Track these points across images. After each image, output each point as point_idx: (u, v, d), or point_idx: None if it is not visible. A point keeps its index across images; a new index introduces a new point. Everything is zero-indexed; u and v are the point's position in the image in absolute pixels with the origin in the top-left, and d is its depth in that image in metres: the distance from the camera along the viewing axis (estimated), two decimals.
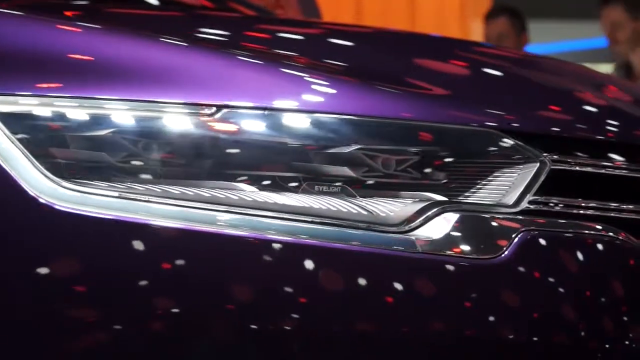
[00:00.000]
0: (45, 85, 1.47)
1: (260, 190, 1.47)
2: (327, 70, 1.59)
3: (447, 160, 1.52)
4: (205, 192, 1.45)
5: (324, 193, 1.48)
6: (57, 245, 1.42)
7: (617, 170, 1.61)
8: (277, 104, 1.49)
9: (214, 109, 1.48)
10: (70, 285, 1.41)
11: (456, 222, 1.49)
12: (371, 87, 1.54)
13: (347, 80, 1.55)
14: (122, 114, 1.47)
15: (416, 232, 1.48)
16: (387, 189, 1.50)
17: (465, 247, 1.47)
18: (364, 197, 1.49)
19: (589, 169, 1.58)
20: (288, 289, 1.42)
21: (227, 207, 1.45)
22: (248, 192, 1.46)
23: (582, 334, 1.48)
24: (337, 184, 1.49)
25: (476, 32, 6.09)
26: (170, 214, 1.44)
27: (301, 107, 1.50)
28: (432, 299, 1.45)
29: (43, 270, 1.41)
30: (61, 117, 1.46)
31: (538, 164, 1.54)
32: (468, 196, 1.52)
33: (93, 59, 1.51)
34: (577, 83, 1.84)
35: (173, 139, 1.47)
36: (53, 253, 1.42)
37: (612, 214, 1.58)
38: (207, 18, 2.17)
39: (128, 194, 1.45)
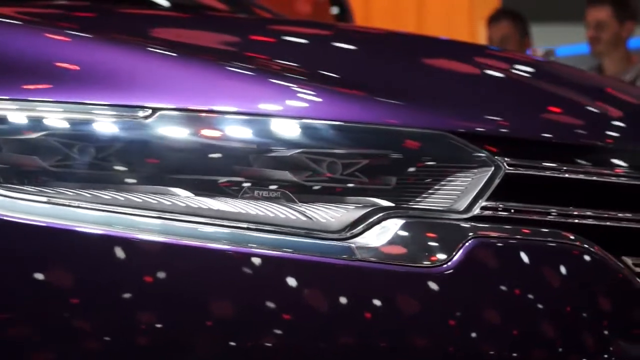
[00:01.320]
0: None
1: (196, 195, 1.41)
2: (271, 70, 1.52)
3: (396, 164, 1.45)
4: (137, 198, 1.39)
5: (264, 198, 1.42)
6: None
7: (578, 175, 1.53)
8: (215, 106, 1.43)
9: (149, 111, 1.42)
10: None
11: (400, 228, 1.42)
12: (315, 87, 1.48)
13: (290, 80, 1.49)
14: (53, 116, 1.41)
15: (357, 239, 1.41)
16: (331, 194, 1.43)
17: (409, 255, 1.41)
18: (306, 203, 1.42)
19: (547, 174, 1.51)
20: (220, 299, 1.36)
21: (158, 212, 1.38)
22: (182, 197, 1.40)
23: (530, 345, 1.41)
24: (277, 188, 1.42)
25: (484, 34, 6.01)
26: (100, 220, 1.38)
27: (241, 109, 1.43)
28: (370, 309, 1.38)
29: None
30: None
31: (492, 168, 1.48)
32: (417, 201, 1.45)
33: (22, 59, 1.45)
34: (541, 82, 1.76)
35: (106, 142, 1.41)
36: None
37: (571, 221, 1.50)
38: (160, 18, 2.10)
39: (57, 199, 1.39)
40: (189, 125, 1.42)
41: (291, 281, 1.37)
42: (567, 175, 1.52)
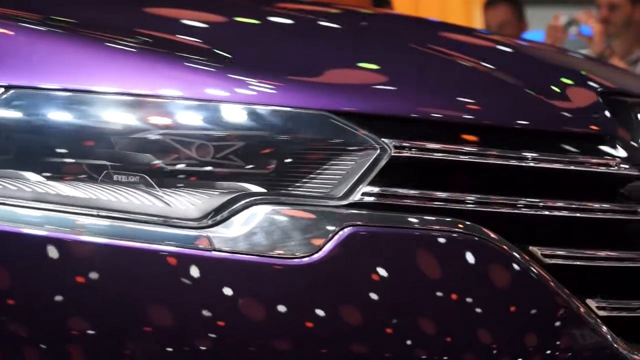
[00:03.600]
0: None
1: (49, 180, 1.30)
2: (135, 46, 1.40)
3: (272, 147, 1.33)
4: None
5: (122, 183, 1.31)
6: None
7: (475, 158, 1.40)
8: (74, 84, 1.32)
9: (1, 89, 1.32)
10: None
11: (268, 216, 1.31)
12: (184, 65, 1.36)
13: (156, 57, 1.37)
14: None
15: (218, 227, 1.30)
16: (200, 179, 1.32)
17: (272, 245, 1.29)
18: (168, 188, 1.31)
19: (439, 157, 1.38)
20: (62, 293, 1.25)
21: (1, 198, 1.28)
22: (32, 182, 1.30)
23: (406, 344, 1.29)
24: (137, 173, 1.31)
25: (480, 18, 5.88)
26: None
27: (102, 88, 1.32)
28: (226, 304, 1.27)
29: None
30: None
31: (378, 151, 1.36)
32: (293, 187, 1.33)
33: None
34: (437, 57, 1.62)
35: None
36: None
37: (463, 206, 1.38)
38: None
39: None
40: (45, 104, 1.31)
41: (140, 273, 1.26)
42: (462, 158, 1.39)
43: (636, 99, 1.72)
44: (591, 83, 1.72)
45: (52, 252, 1.26)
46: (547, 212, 1.45)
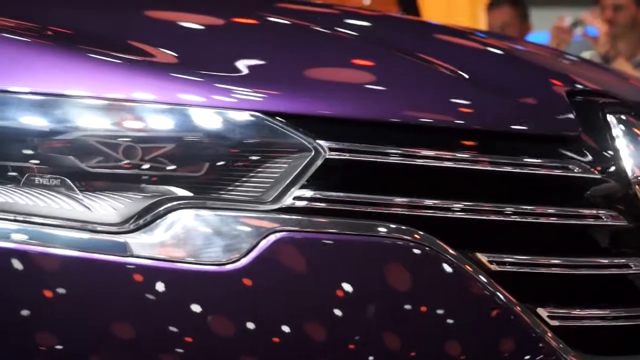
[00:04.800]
0: None
1: None
2: (60, 44, 1.34)
3: (202, 149, 1.28)
4: None
5: (43, 186, 1.26)
6: None
7: (414, 160, 1.34)
8: None
9: None
10: None
11: (192, 221, 1.25)
12: (110, 62, 1.31)
13: (80, 55, 1.31)
14: None
15: (139, 233, 1.25)
16: (125, 182, 1.27)
17: (194, 252, 1.24)
18: (91, 192, 1.26)
19: (377, 159, 1.32)
20: None
21: None
22: None
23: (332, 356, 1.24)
24: (59, 176, 1.26)
25: (485, 19, 5.81)
26: None
27: (21, 88, 1.27)
28: (146, 312, 1.21)
29: None
30: None
31: (312, 153, 1.30)
32: (223, 191, 1.28)
33: None
34: (383, 56, 1.54)
35: None
36: None
37: (402, 211, 1.32)
38: None
39: None
40: None
41: (57, 280, 1.21)
42: (403, 161, 1.33)
43: (607, 99, 1.66)
44: (560, 83, 1.66)
45: None
46: (495, 217, 1.39)
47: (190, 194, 1.27)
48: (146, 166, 1.27)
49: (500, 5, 5.56)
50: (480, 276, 1.33)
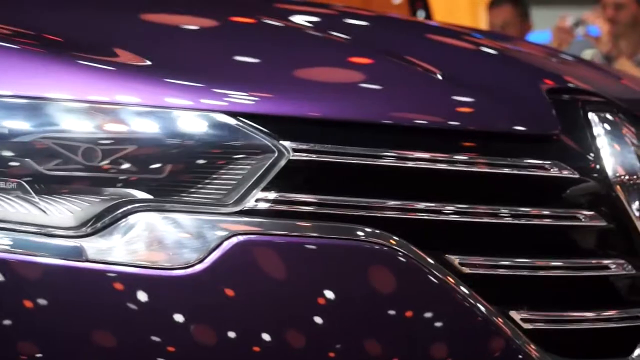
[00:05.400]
0: None
1: None
2: (14, 44, 1.31)
3: (162, 151, 1.25)
4: None
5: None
6: None
7: (382, 160, 1.31)
8: None
9: None
10: None
11: (150, 224, 1.23)
12: (65, 63, 1.28)
13: (35, 55, 1.28)
14: None
15: (95, 236, 1.22)
16: (84, 185, 1.24)
17: (153, 255, 1.21)
18: (47, 195, 1.23)
19: (343, 160, 1.29)
20: None
21: None
22: None
23: None
24: (15, 179, 1.23)
25: (486, 18, 5.78)
26: None
27: None
28: (102, 317, 1.19)
29: None
30: None
31: (275, 154, 1.27)
32: (185, 193, 1.25)
33: None
34: (350, 55, 1.50)
35: None
36: None
37: (369, 213, 1.29)
38: None
39: None
40: None
41: (11, 285, 1.18)
42: (370, 162, 1.30)
43: (590, 97, 1.62)
44: (542, 81, 1.62)
45: None
46: (467, 218, 1.36)
47: (150, 197, 1.24)
48: (105, 168, 1.24)
49: (501, 4, 5.53)
50: (450, 278, 1.30)
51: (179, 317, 1.19)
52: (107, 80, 1.27)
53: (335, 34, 1.58)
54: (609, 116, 1.57)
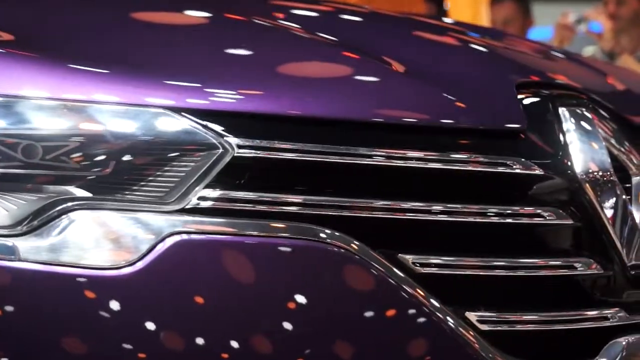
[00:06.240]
0: None
1: None
2: None
3: (104, 148, 1.22)
4: None
5: None
6: None
7: (331, 157, 1.27)
8: None
9: None
10: None
11: (87, 222, 1.19)
12: (4, 58, 1.24)
13: None
14: None
15: (30, 235, 1.18)
16: (22, 182, 1.21)
17: (88, 254, 1.18)
18: None
19: (291, 156, 1.25)
20: None
21: None
22: None
23: None
24: None
25: (487, 15, 5.74)
26: None
27: None
28: (35, 318, 1.15)
29: None
30: None
31: (219, 151, 1.23)
32: (126, 191, 1.22)
33: None
34: (307, 50, 1.46)
35: None
36: None
37: (319, 211, 1.25)
38: None
39: None
40: None
41: None
42: (319, 159, 1.26)
43: (563, 91, 1.58)
44: (513, 76, 1.58)
45: None
46: (422, 216, 1.32)
47: (90, 195, 1.21)
48: (43, 165, 1.21)
49: (504, 0, 5.50)
50: (399, 276, 1.26)
51: (112, 318, 1.15)
52: (47, 75, 1.24)
53: (291, 25, 1.54)
54: (580, 111, 1.53)
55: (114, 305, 1.16)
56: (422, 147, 1.34)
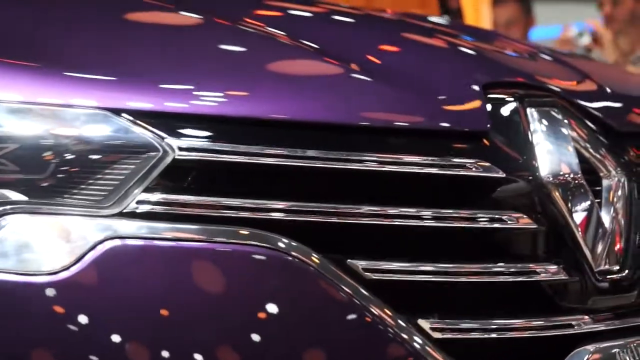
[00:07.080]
0: None
1: None
2: None
3: (40, 150, 1.18)
4: None
5: None
6: None
7: (277, 160, 1.23)
8: None
9: None
10: None
11: (18, 227, 1.16)
12: None
13: None
14: None
15: None
16: None
17: (22, 260, 1.15)
18: None
19: (235, 159, 1.21)
20: None
21: None
22: None
23: None
24: None
25: (490, 15, 5.69)
26: None
27: None
28: None
29: None
30: None
31: (160, 153, 1.20)
32: (63, 194, 1.18)
33: None
34: (259, 49, 1.41)
35: None
36: None
37: (263, 215, 1.21)
38: None
39: None
40: None
41: None
42: (266, 161, 1.22)
43: (534, 92, 1.53)
44: (481, 76, 1.53)
45: None
46: (380, 221, 1.28)
47: (25, 198, 1.17)
48: None
49: (507, 1, 5.46)
50: (347, 282, 1.22)
51: (43, 325, 1.12)
52: None
53: (244, 22, 1.49)
54: (551, 112, 1.48)
55: (49, 310, 1.13)
56: (377, 149, 1.30)
